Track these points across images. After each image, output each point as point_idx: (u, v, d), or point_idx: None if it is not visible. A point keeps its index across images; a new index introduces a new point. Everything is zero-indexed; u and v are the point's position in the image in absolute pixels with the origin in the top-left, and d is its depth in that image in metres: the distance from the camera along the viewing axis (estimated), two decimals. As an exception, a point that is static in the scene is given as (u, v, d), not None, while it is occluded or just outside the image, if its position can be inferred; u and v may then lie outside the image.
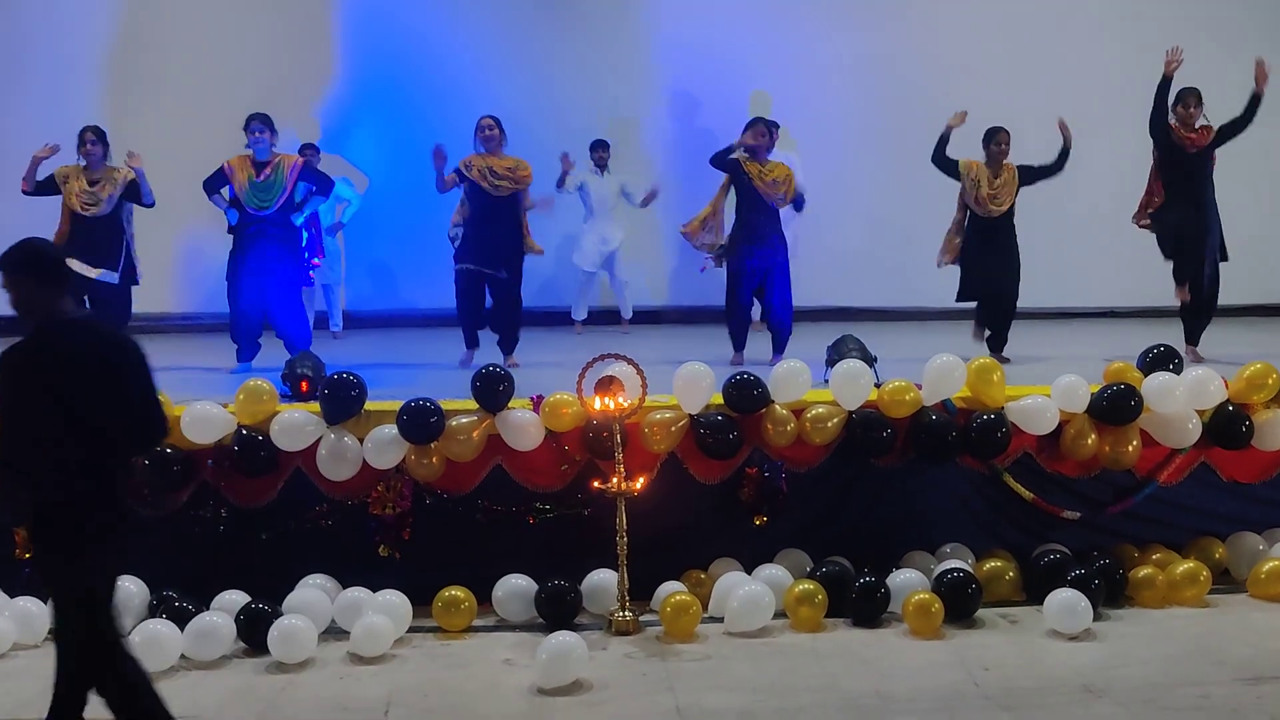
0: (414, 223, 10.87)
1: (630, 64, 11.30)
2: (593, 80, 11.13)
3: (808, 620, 4.93)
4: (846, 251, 11.14)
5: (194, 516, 5.25)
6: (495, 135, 7.39)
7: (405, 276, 11.33)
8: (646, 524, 5.05)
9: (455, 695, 4.31)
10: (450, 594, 5.00)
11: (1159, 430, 5.55)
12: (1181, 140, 7.41)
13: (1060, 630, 4.79)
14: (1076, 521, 5.53)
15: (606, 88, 11.20)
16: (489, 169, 7.34)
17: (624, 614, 4.93)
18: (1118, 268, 9.78)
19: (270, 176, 7.22)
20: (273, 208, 7.21)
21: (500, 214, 7.41)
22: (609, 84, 11.22)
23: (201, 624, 4.65)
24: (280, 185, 7.23)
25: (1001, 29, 11.27)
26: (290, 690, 4.36)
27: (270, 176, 7.22)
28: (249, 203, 7.20)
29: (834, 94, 11.15)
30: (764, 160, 7.52)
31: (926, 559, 5.39)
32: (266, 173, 7.22)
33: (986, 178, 7.53)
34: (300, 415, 5.28)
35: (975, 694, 4.23)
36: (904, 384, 5.47)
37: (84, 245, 7.34)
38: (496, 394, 5.28)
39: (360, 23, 11.15)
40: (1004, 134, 7.58)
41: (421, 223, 10.82)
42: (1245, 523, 5.67)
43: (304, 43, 11.04)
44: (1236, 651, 4.58)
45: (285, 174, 7.25)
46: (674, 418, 5.35)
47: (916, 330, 9.45)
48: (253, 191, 7.19)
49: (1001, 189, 7.54)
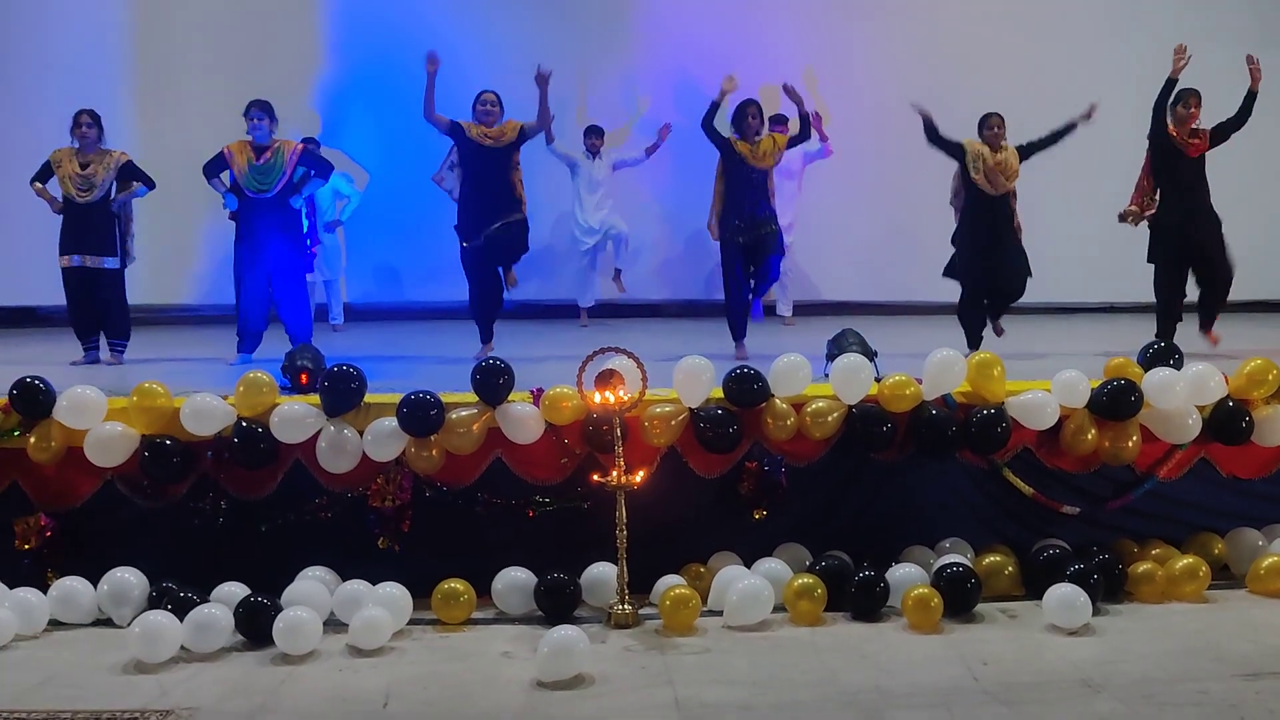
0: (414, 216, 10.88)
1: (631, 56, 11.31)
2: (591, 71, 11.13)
3: (807, 614, 4.93)
4: (847, 246, 11.16)
5: (193, 508, 5.25)
6: (494, 111, 7.45)
7: (406, 270, 11.34)
8: (646, 517, 5.05)
9: (454, 687, 4.31)
10: (449, 586, 5.00)
11: (1159, 426, 5.55)
12: (1183, 144, 7.39)
13: (1059, 625, 4.79)
14: (1076, 517, 5.53)
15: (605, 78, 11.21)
16: (483, 132, 7.41)
17: (623, 607, 4.93)
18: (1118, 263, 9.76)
19: (270, 160, 7.23)
20: (272, 190, 7.23)
21: (492, 173, 7.43)
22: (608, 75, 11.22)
23: (200, 616, 4.64)
24: (280, 169, 7.24)
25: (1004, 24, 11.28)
26: (290, 682, 4.36)
27: (270, 160, 7.23)
28: (248, 186, 7.22)
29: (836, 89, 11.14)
30: (754, 140, 7.63)
31: (926, 554, 5.39)
32: (266, 156, 7.23)
33: (988, 152, 7.52)
34: (300, 407, 5.27)
35: (974, 688, 4.23)
36: (904, 378, 5.47)
37: (79, 232, 7.37)
38: (496, 387, 5.28)
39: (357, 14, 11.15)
40: (996, 117, 7.58)
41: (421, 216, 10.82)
42: (1245, 518, 5.66)
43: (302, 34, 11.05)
44: (1235, 647, 4.58)
45: (285, 158, 7.26)
46: (674, 411, 5.35)
47: (917, 325, 9.46)
48: (252, 174, 7.20)
49: (1005, 165, 7.53)
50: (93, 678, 4.41)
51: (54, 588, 5.01)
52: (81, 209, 7.36)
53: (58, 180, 7.43)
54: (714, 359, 5.52)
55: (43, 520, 5.20)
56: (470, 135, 7.41)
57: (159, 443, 5.20)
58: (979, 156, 7.50)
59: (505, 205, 7.50)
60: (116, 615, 4.92)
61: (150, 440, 5.20)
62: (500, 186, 7.47)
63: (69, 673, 4.46)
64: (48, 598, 4.97)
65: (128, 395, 5.32)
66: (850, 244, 11.16)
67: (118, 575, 5.00)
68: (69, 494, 5.30)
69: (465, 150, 7.46)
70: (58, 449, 5.24)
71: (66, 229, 7.44)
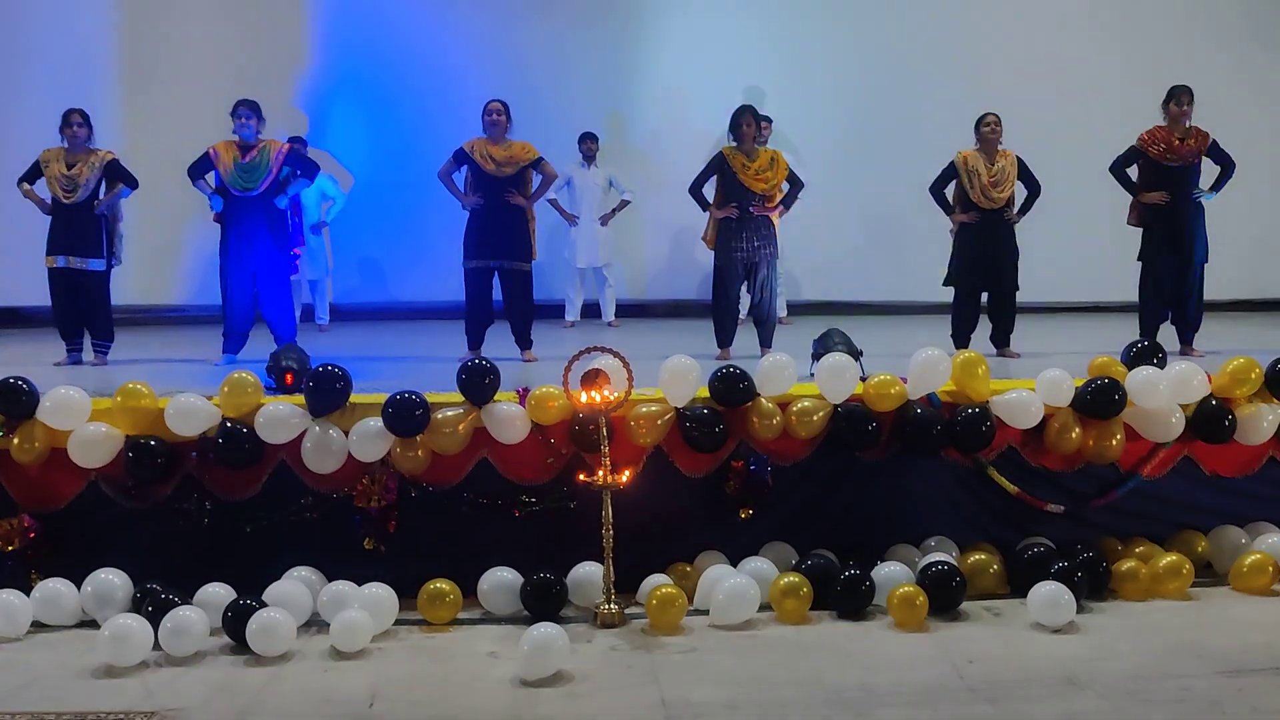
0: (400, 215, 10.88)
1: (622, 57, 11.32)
2: (583, 73, 11.14)
3: (793, 613, 4.94)
4: (833, 246, 11.19)
5: (178, 509, 5.22)
6: (501, 121, 7.31)
7: (392, 270, 11.34)
8: (632, 517, 5.04)
9: (440, 688, 4.30)
10: (435, 587, 4.99)
11: (1142, 424, 5.58)
12: (1159, 156, 7.42)
13: (1044, 623, 4.81)
14: (1060, 515, 5.54)
15: (597, 80, 11.21)
16: (489, 154, 7.31)
17: (609, 606, 4.93)
18: (1102, 262, 9.84)
19: (256, 159, 7.21)
20: (257, 189, 7.21)
21: (504, 201, 7.34)
22: (600, 76, 11.22)
23: (176, 619, 4.60)
24: (265, 167, 7.22)
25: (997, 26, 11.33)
26: (274, 683, 4.35)
27: (256, 159, 7.21)
28: (234, 184, 7.19)
29: (823, 90, 11.20)
30: (751, 152, 7.50)
31: (911, 552, 5.40)
32: (252, 155, 7.21)
33: (983, 166, 7.52)
34: (285, 408, 5.26)
35: (959, 686, 4.24)
36: (889, 378, 5.48)
37: (66, 233, 7.34)
38: (482, 387, 5.27)
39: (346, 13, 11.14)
40: (992, 116, 7.57)
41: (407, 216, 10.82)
42: (1227, 516, 5.69)
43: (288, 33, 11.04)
44: (1218, 644, 4.61)
45: (271, 157, 7.24)
46: (660, 411, 5.35)
47: (902, 324, 9.49)
48: (238, 173, 7.18)
49: (1000, 176, 7.53)
50: (77, 679, 4.39)
51: (37, 589, 4.98)
52: (68, 210, 7.34)
53: (45, 181, 7.39)
54: (700, 358, 5.52)
55: (26, 521, 5.18)
56: (476, 160, 7.32)
57: (143, 443, 5.17)
58: (974, 173, 7.49)
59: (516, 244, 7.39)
60: (101, 617, 4.89)
61: (134, 441, 5.18)
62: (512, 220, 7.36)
63: (53, 674, 4.44)
64: (31, 599, 4.94)
65: (112, 396, 5.30)
66: (835, 244, 11.19)
67: (101, 577, 4.97)
68: (52, 495, 5.27)
69: (476, 174, 7.38)
70: (41, 450, 5.21)
71: (54, 230, 7.41)
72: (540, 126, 9.02)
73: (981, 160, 7.54)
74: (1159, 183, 7.48)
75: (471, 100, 7.83)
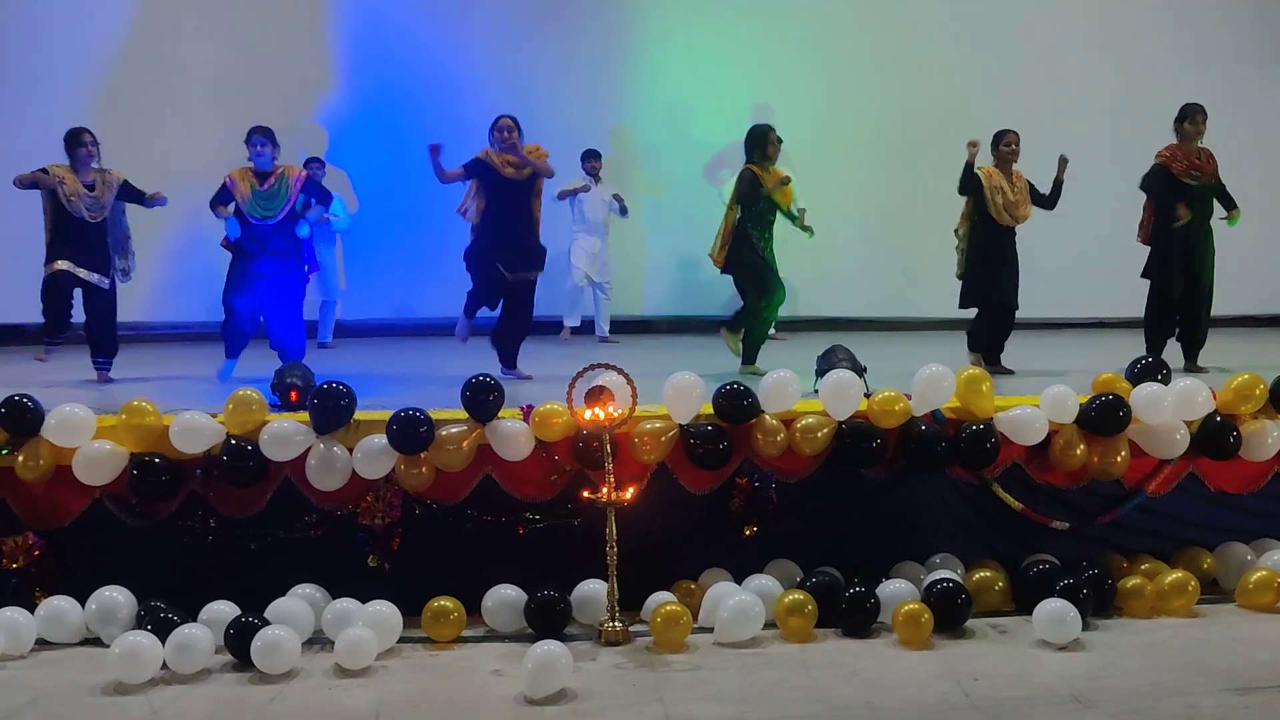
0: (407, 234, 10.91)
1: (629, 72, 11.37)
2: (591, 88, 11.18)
3: (797, 630, 4.93)
4: (837, 262, 11.20)
5: (182, 526, 5.23)
6: (512, 139, 7.11)
7: (398, 287, 11.35)
8: (636, 534, 5.04)
9: (444, 706, 4.30)
10: (439, 604, 4.99)
11: (1147, 441, 5.57)
12: (1183, 172, 7.41)
13: (1049, 640, 4.79)
14: (1065, 532, 5.54)
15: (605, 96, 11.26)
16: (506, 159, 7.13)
17: (614, 624, 4.92)
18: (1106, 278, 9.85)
19: (274, 186, 7.20)
20: (277, 217, 7.20)
21: (518, 205, 7.22)
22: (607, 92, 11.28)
23: (181, 636, 4.60)
24: (284, 195, 7.21)
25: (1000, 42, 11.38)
26: (279, 701, 4.34)
27: (274, 186, 7.20)
28: (252, 213, 7.18)
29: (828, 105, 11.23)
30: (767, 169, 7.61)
31: (916, 569, 5.39)
32: (270, 182, 7.20)
33: (1006, 184, 7.51)
34: (289, 425, 5.26)
35: (965, 704, 4.23)
36: (894, 394, 5.48)
37: (76, 247, 7.33)
38: (486, 404, 5.28)
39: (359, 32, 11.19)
40: (1012, 134, 7.56)
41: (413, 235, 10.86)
42: (1233, 533, 5.69)
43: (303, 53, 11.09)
44: (1224, 661, 4.59)
45: (290, 184, 7.24)
46: (664, 428, 5.35)
47: (906, 340, 9.50)
48: (256, 201, 7.17)
49: (1021, 196, 7.53)
50: (81, 697, 4.38)
51: (42, 607, 4.98)
52: (78, 225, 7.33)
53: (60, 195, 7.33)
54: (704, 375, 5.52)
55: (31, 539, 5.18)
56: (494, 166, 7.11)
57: (148, 461, 5.18)
58: (998, 190, 7.48)
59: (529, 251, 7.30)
60: (105, 634, 4.89)
61: (139, 458, 5.19)
62: (524, 226, 7.26)
63: (57, 692, 4.44)
64: (35, 617, 4.94)
65: (116, 413, 5.31)
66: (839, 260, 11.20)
67: (106, 594, 4.97)
68: (57, 512, 5.27)
69: (490, 183, 7.17)
70: (46, 467, 5.22)
71: (60, 242, 7.34)
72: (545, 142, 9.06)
73: (1004, 180, 7.53)
74: (1175, 200, 7.47)
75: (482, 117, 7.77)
